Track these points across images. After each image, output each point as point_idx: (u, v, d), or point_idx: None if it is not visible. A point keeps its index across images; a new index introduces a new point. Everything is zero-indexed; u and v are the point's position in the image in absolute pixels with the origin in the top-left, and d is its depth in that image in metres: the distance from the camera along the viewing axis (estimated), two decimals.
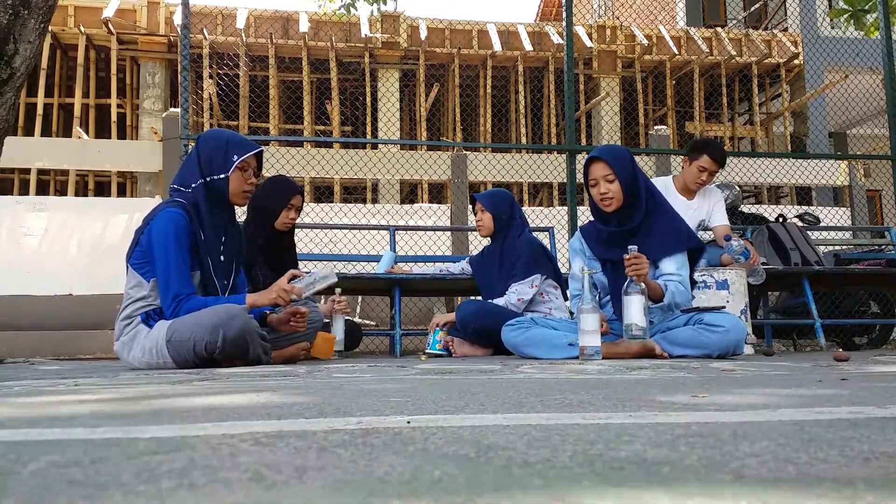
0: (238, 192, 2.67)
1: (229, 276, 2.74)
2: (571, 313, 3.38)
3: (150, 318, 2.56)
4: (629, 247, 2.66)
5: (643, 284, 2.65)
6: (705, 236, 4.17)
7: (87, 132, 9.38)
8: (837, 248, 5.88)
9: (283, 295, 2.59)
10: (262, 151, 2.72)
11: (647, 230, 2.86)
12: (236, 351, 2.46)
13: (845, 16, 5.66)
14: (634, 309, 2.62)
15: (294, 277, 2.68)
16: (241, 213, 3.66)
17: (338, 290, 3.50)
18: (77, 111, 8.86)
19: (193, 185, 2.62)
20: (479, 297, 3.94)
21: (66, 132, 9.73)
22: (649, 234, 2.85)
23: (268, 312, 2.81)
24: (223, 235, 2.72)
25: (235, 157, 2.62)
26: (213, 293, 2.65)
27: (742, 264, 3.70)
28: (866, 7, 5.56)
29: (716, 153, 3.94)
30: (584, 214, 3.38)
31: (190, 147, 4.46)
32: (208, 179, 2.62)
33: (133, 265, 2.60)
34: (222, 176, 2.62)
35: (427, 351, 3.61)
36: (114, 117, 9.06)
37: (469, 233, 6.76)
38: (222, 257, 2.71)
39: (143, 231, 2.59)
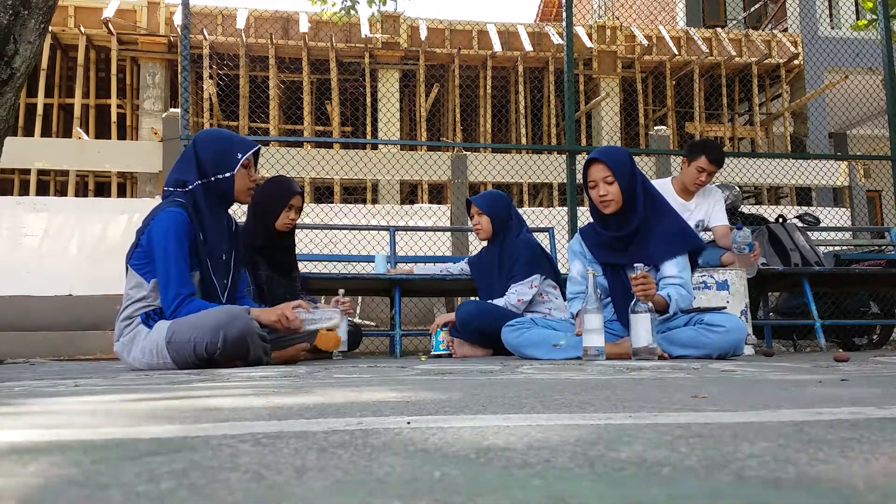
0: (243, 189, 2.72)
1: (229, 276, 2.75)
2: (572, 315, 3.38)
3: (149, 319, 2.56)
4: (635, 265, 2.63)
5: (650, 303, 2.63)
6: (705, 237, 4.17)
7: (87, 132, 9.38)
8: (837, 248, 5.88)
9: (284, 322, 2.60)
10: (259, 148, 2.78)
11: (647, 233, 2.85)
12: (237, 352, 2.46)
13: (870, 26, 5.67)
14: (643, 329, 2.56)
15: (300, 307, 2.69)
16: (240, 214, 3.66)
17: (341, 291, 3.51)
18: (77, 111, 8.86)
19: (192, 185, 2.63)
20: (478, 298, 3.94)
21: (66, 132, 9.73)
22: (650, 238, 2.84)
23: None
24: (223, 235, 2.73)
25: (240, 156, 2.66)
26: (213, 293, 2.65)
27: (742, 258, 3.69)
28: (892, 12, 5.56)
29: (713, 154, 3.95)
30: (584, 215, 3.38)
31: None
32: (213, 179, 2.64)
33: (133, 266, 2.60)
34: (228, 175, 2.65)
35: (432, 353, 3.61)
36: (114, 118, 9.06)
37: (469, 233, 6.77)
38: (223, 256, 2.72)
39: (143, 231, 2.59)
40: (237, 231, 2.86)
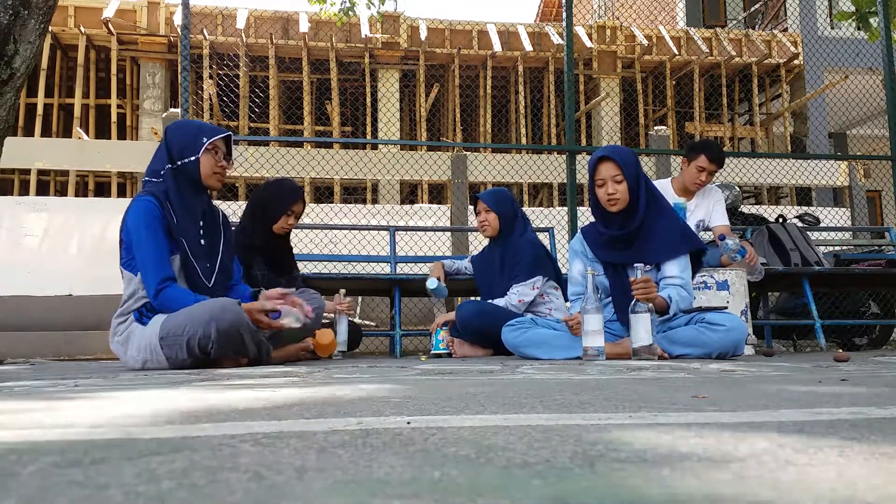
0: (209, 173, 2.72)
1: (213, 260, 2.74)
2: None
3: (143, 316, 2.56)
4: (636, 264, 2.64)
5: (651, 304, 2.63)
6: (705, 236, 4.17)
7: (87, 132, 9.38)
8: (837, 248, 5.87)
9: (259, 315, 2.59)
10: (230, 136, 2.79)
11: (648, 232, 2.86)
12: (230, 344, 2.45)
13: (850, 18, 5.66)
14: (643, 329, 2.55)
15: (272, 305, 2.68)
16: (241, 216, 3.65)
17: (342, 291, 3.50)
18: (77, 111, 8.86)
19: (163, 172, 2.66)
20: (479, 298, 3.94)
21: (66, 132, 9.73)
22: (651, 238, 2.85)
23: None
24: (200, 220, 2.73)
25: (205, 140, 2.69)
26: (195, 276, 2.63)
27: (739, 263, 3.69)
28: (872, 9, 5.55)
29: (713, 153, 3.95)
30: (585, 215, 3.38)
31: None
32: (179, 164, 2.67)
33: (123, 265, 2.63)
34: (192, 158, 2.67)
35: (432, 352, 3.61)
36: (114, 118, 9.06)
37: (469, 233, 6.76)
38: (202, 241, 2.71)
39: (123, 229, 2.62)
40: (225, 221, 2.87)
